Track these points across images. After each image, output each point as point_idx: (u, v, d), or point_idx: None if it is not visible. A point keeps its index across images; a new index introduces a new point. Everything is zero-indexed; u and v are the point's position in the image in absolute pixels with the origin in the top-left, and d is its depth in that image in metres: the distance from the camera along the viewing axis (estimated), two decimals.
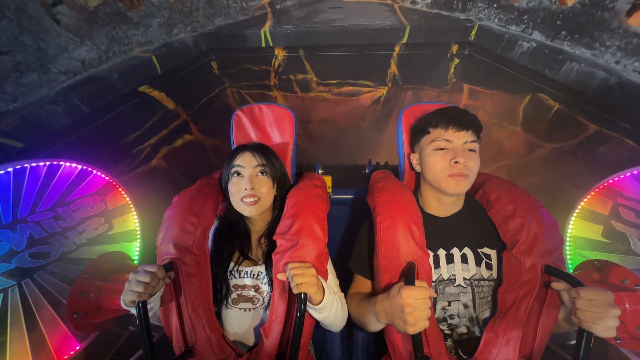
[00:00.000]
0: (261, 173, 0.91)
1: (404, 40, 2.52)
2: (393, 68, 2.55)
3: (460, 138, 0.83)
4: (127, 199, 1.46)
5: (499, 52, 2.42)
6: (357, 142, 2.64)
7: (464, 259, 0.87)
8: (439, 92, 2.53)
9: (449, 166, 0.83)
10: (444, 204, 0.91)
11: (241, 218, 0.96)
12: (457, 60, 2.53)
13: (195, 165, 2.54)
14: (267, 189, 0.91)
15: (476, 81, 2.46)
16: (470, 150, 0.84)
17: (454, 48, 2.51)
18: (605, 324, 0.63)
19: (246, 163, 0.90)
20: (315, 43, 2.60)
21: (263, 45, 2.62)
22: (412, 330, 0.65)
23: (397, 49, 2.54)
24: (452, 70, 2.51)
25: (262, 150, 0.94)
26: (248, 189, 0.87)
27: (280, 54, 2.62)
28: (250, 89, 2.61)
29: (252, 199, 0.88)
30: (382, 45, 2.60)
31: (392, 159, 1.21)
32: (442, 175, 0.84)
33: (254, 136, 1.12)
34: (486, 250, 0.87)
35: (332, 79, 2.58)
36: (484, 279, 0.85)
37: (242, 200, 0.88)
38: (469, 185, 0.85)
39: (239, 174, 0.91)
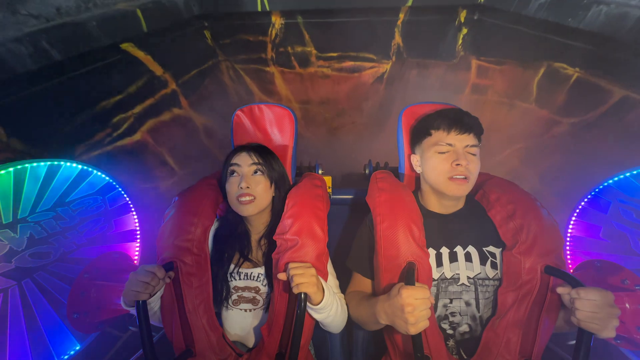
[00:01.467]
0: (257, 172, 0.91)
1: (409, 3, 2.21)
2: (397, 39, 2.28)
3: (462, 141, 0.84)
4: (127, 198, 1.46)
5: (512, 9, 2.08)
6: (359, 128, 2.43)
7: (468, 258, 0.86)
8: (446, 69, 2.27)
9: (451, 169, 0.83)
10: (444, 205, 0.91)
11: (241, 219, 0.96)
12: (465, 30, 2.24)
13: (185, 145, 2.31)
14: (263, 188, 0.90)
15: (486, 51, 2.17)
16: (471, 154, 0.84)
17: (462, 14, 2.21)
18: (605, 325, 0.63)
19: (242, 162, 0.90)
20: (314, 6, 2.27)
21: (259, 9, 2.29)
22: (413, 330, 0.65)
23: (401, 15, 2.25)
24: (460, 41, 2.22)
25: (259, 150, 0.94)
26: (243, 188, 0.87)
27: (277, 21, 2.33)
28: (246, 64, 2.37)
29: (247, 198, 0.87)
30: (385, 10, 2.27)
31: (392, 159, 1.21)
32: (443, 178, 0.84)
33: (254, 136, 1.12)
34: (491, 249, 0.87)
35: (333, 51, 2.33)
36: (489, 278, 0.85)
37: (237, 199, 0.88)
38: (469, 188, 0.85)
39: (235, 172, 0.91)
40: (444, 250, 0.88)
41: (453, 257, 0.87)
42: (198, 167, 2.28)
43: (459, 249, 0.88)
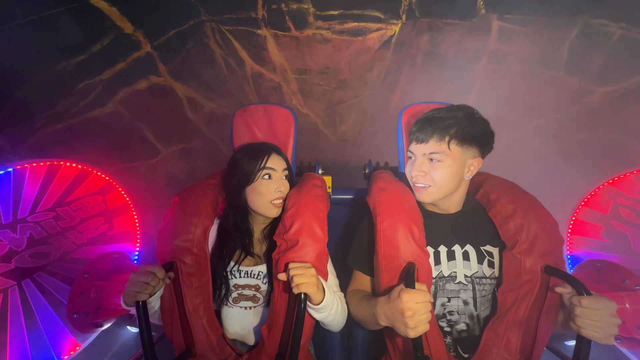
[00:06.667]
0: (285, 176, 0.95)
1: None
2: None
3: (419, 150, 0.86)
4: (127, 198, 1.46)
5: None
6: (363, 104, 2.21)
7: (466, 256, 0.87)
8: (462, 33, 1.97)
9: (412, 176, 0.87)
10: (439, 207, 0.91)
11: (245, 217, 0.96)
12: None
13: (168, 120, 2.02)
14: (288, 190, 0.94)
15: (511, 7, 1.87)
16: (432, 160, 0.84)
17: None
18: (604, 333, 0.63)
19: (277, 166, 0.93)
20: None
21: None
22: (413, 333, 0.65)
23: None
24: None
25: (282, 152, 0.98)
26: (283, 191, 0.91)
27: None
28: (234, 25, 2.01)
29: (280, 201, 0.91)
30: None
31: (392, 159, 1.21)
32: (411, 183, 0.89)
33: (254, 136, 1.12)
34: (488, 248, 0.88)
35: (334, 9, 2.00)
36: (485, 277, 0.85)
37: (271, 202, 0.90)
38: (434, 195, 0.86)
39: (270, 176, 0.92)
40: (442, 249, 0.88)
41: (451, 256, 0.87)
42: (184, 145, 2.12)
43: (457, 248, 0.88)
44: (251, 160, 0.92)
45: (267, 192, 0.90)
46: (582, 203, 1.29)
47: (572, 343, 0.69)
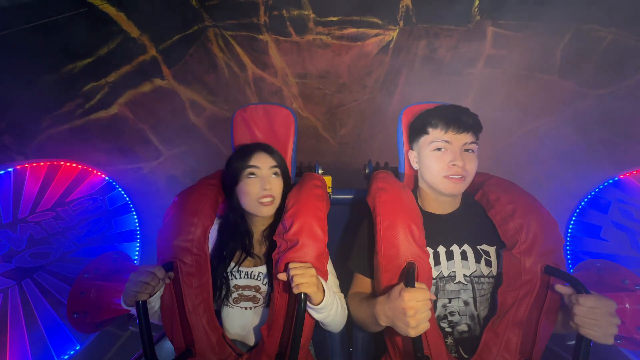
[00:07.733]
0: (275, 174, 0.94)
1: None
2: None
3: (460, 140, 0.84)
4: (127, 198, 1.46)
5: None
6: (362, 107, 2.25)
7: (464, 256, 0.87)
8: (458, 39, 2.03)
9: (447, 167, 0.84)
10: (441, 202, 0.92)
11: (243, 218, 0.96)
12: None
13: (170, 122, 2.10)
14: (280, 189, 0.93)
15: (506, 12, 1.93)
16: (469, 151, 0.85)
17: None
18: (603, 332, 0.63)
19: (262, 164, 0.92)
20: None
21: None
22: (414, 332, 0.65)
23: None
24: (477, 1, 1.97)
25: (272, 150, 0.97)
26: (267, 189, 0.90)
27: None
28: (236, 30, 2.08)
29: (269, 199, 0.90)
30: None
31: (392, 159, 1.21)
32: (438, 176, 0.85)
33: (254, 136, 1.12)
34: (485, 247, 0.88)
35: (333, 15, 2.06)
36: (484, 276, 0.86)
37: (258, 200, 0.89)
38: (465, 187, 0.86)
39: (254, 174, 0.91)
40: (441, 249, 0.88)
41: (449, 256, 0.87)
42: (185, 147, 2.16)
43: (454, 248, 0.88)
44: (237, 160, 0.93)
45: (253, 191, 0.90)
46: (582, 203, 1.30)
47: (572, 343, 0.69)
